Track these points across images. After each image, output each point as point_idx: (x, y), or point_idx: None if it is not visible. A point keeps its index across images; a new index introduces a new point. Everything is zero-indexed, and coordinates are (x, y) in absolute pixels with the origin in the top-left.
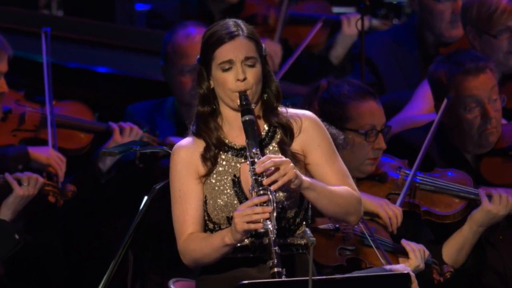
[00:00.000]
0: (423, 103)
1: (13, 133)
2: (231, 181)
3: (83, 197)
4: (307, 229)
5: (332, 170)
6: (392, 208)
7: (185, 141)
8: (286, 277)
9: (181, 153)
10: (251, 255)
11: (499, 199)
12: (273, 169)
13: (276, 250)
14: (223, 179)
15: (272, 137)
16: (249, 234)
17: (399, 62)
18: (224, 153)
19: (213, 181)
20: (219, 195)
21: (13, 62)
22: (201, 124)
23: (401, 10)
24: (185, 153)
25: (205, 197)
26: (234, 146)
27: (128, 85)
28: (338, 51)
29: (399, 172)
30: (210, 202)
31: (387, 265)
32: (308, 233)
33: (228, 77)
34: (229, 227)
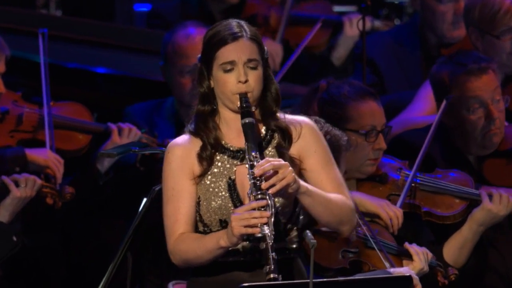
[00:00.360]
0: (425, 104)
1: (10, 134)
2: (226, 183)
3: (81, 198)
4: (308, 232)
5: (328, 177)
6: (392, 209)
7: (180, 139)
8: None
9: (176, 151)
10: (242, 258)
11: (499, 199)
12: (272, 173)
13: (273, 255)
14: (218, 181)
15: (269, 141)
16: (245, 237)
17: (400, 62)
18: (220, 154)
19: (208, 182)
20: (213, 197)
21: (11, 62)
22: (200, 123)
23: (403, 10)
24: (181, 151)
25: (198, 198)
26: (230, 147)
27: (127, 85)
28: (340, 53)
29: (399, 173)
30: (203, 203)
31: (391, 268)
32: (309, 236)
33: (229, 78)
34: (222, 229)
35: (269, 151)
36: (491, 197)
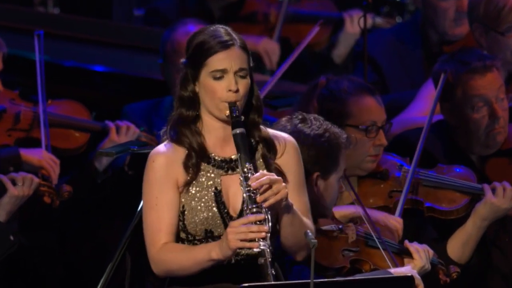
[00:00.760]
0: (426, 104)
1: (8, 132)
2: (213, 193)
3: (79, 196)
4: (308, 231)
5: (299, 200)
6: (392, 222)
7: (163, 147)
8: None
9: (160, 159)
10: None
11: (502, 192)
12: (266, 186)
13: (272, 271)
14: (204, 191)
15: (254, 152)
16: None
17: (402, 60)
18: (204, 164)
19: (193, 192)
20: (199, 207)
21: (8, 60)
22: (184, 129)
23: (404, 7)
24: (165, 160)
25: (182, 207)
26: (215, 157)
27: (125, 84)
28: (340, 50)
29: (400, 169)
30: (188, 214)
31: (392, 268)
32: (309, 235)
33: (218, 86)
34: (208, 239)
35: (255, 162)
36: (494, 191)
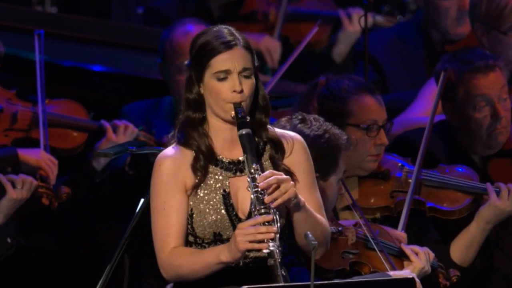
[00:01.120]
0: (428, 103)
1: (5, 133)
2: (221, 196)
3: (77, 196)
4: (308, 233)
5: (311, 198)
6: (396, 233)
7: (170, 150)
8: None
9: (167, 163)
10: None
11: (507, 194)
12: (274, 186)
13: (282, 272)
14: (212, 193)
15: (261, 153)
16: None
17: (403, 60)
18: (212, 166)
19: (201, 194)
20: (208, 210)
21: (5, 60)
22: (191, 131)
23: (406, 6)
24: (172, 164)
25: (190, 210)
26: (223, 159)
27: (124, 83)
28: (340, 49)
29: (402, 169)
30: (197, 217)
31: (391, 271)
32: (310, 237)
33: (222, 87)
34: (217, 242)
35: (263, 163)
36: (499, 193)
